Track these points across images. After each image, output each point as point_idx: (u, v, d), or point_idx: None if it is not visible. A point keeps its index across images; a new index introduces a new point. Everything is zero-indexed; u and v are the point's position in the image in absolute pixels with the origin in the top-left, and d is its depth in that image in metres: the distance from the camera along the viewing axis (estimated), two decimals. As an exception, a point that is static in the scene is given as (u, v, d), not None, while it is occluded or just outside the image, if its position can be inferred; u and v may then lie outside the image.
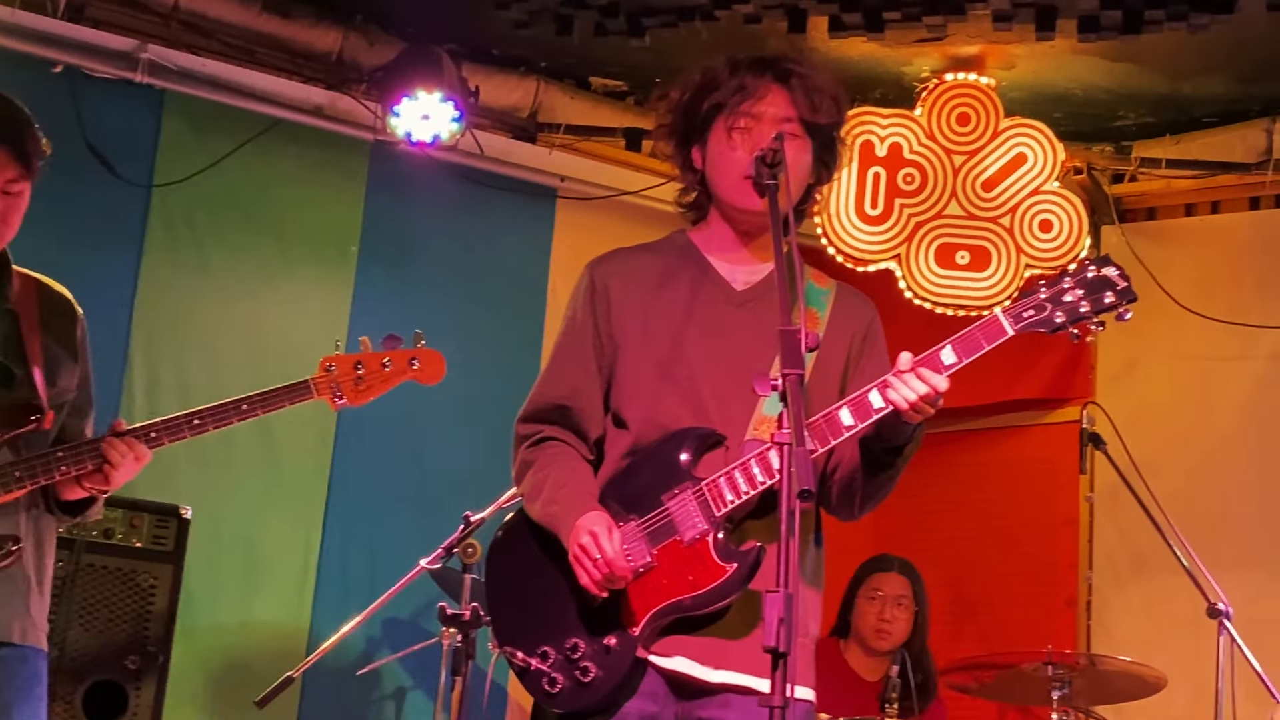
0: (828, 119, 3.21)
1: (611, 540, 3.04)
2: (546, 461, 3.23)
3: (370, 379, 4.14)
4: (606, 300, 3.24)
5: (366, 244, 6.32)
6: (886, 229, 6.27)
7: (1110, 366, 6.80)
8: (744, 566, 3.02)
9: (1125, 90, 6.31)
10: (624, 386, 3.21)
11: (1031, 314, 3.00)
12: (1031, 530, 6.86)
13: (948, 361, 2.98)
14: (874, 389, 3.00)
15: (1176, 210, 6.85)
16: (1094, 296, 3.00)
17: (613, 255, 3.33)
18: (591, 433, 3.26)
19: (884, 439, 3.08)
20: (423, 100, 5.90)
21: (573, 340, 3.27)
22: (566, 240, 6.69)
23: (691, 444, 3.11)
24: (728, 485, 3.05)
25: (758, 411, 3.11)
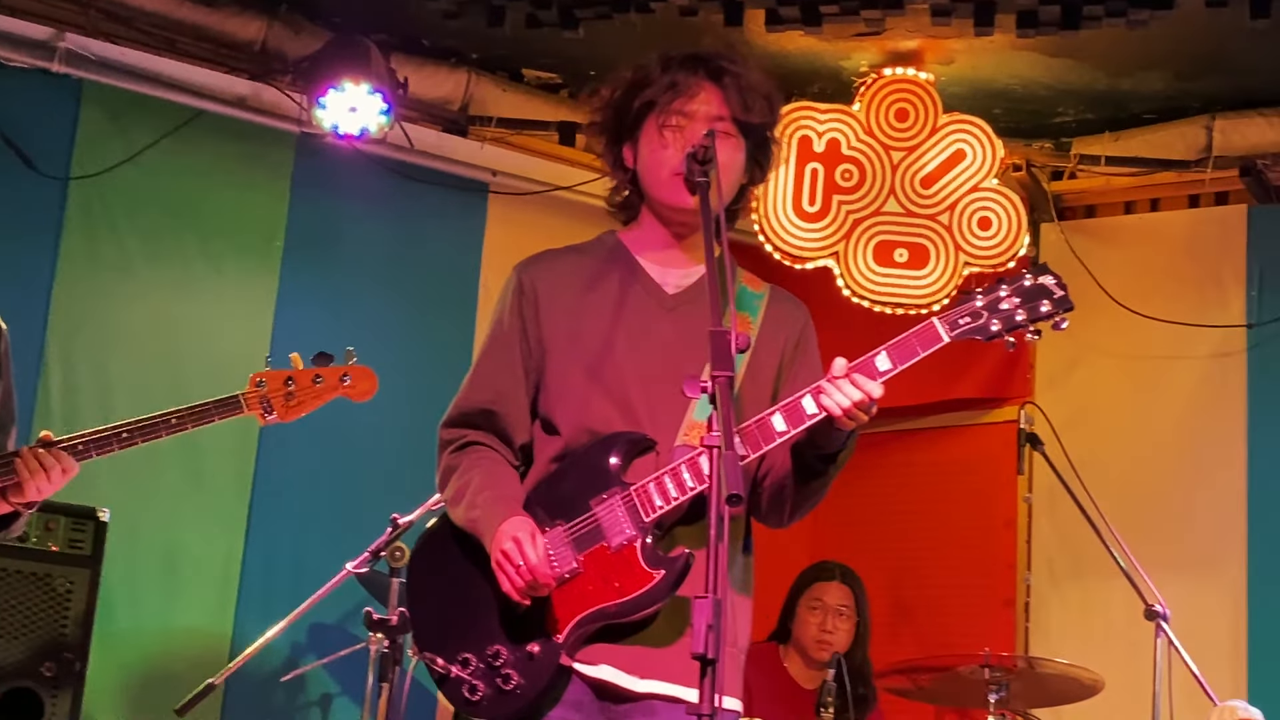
0: (760, 118, 3.23)
1: (535, 546, 3.06)
2: (470, 466, 3.23)
3: (301, 395, 4.25)
4: (534, 303, 3.25)
5: (291, 240, 6.28)
6: (824, 226, 6.30)
7: (1049, 366, 6.86)
8: (671, 573, 3.03)
9: (1064, 86, 6.37)
10: (552, 391, 3.23)
11: (967, 321, 3.04)
12: (969, 531, 6.92)
13: (882, 368, 3.01)
14: (807, 394, 3.03)
15: (1116, 208, 6.93)
16: (1030, 305, 3.05)
17: (541, 257, 3.34)
18: (517, 438, 3.28)
19: (817, 446, 3.10)
20: (350, 92, 5.88)
21: (499, 343, 3.28)
22: (498, 237, 6.68)
23: (621, 448, 3.12)
24: (657, 491, 3.07)
25: (688, 416, 3.13)
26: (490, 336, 3.31)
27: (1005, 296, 3.06)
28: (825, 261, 6.31)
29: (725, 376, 2.69)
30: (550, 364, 3.23)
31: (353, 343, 6.20)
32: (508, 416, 3.26)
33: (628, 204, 3.34)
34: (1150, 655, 5.08)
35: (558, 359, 3.22)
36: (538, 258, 3.34)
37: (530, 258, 3.34)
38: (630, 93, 3.25)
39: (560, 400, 3.21)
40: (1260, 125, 6.39)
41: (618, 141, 3.30)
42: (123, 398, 5.78)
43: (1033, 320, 3.05)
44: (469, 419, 3.29)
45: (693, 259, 3.27)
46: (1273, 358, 6.37)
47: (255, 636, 5.18)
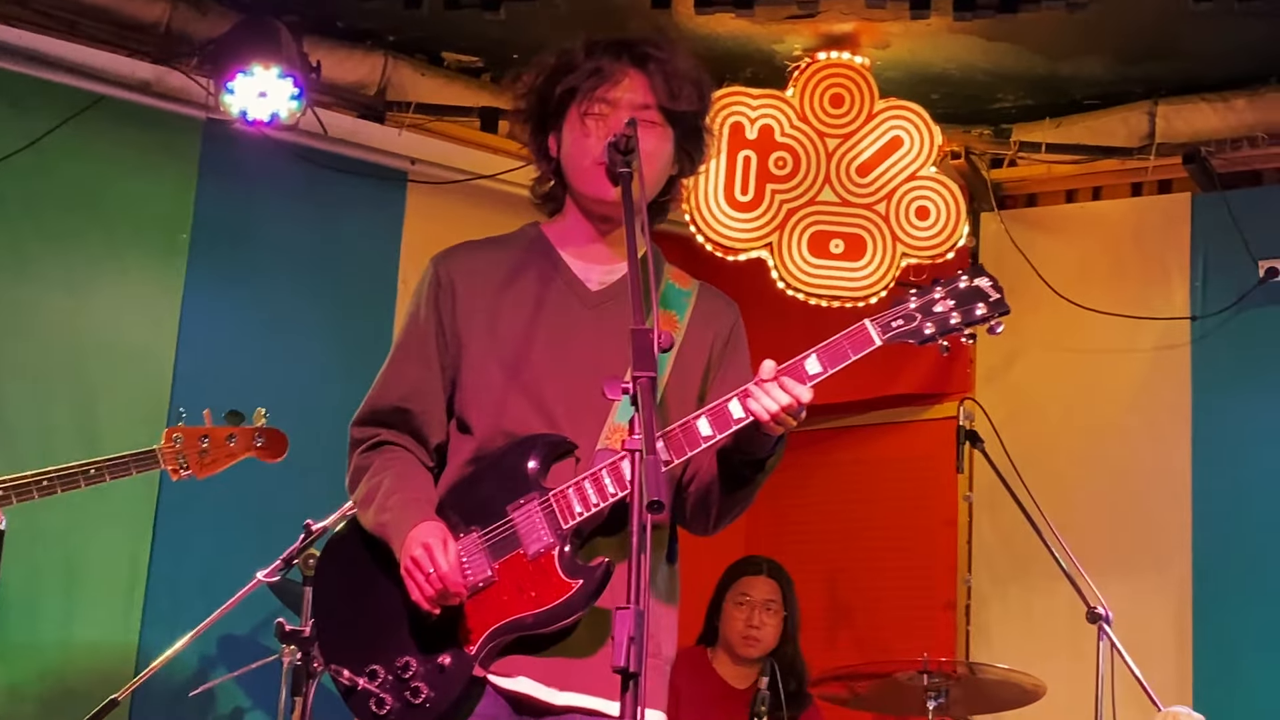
0: (688, 106, 3.22)
1: (446, 553, 3.03)
2: (381, 467, 3.21)
3: (215, 453, 4.71)
4: (451, 297, 3.23)
5: (199, 232, 6.21)
6: (757, 216, 6.29)
7: (989, 360, 6.90)
8: (590, 583, 3.02)
9: (1004, 71, 6.39)
10: (469, 390, 3.20)
11: (900, 324, 3.04)
12: (908, 532, 6.95)
13: (812, 371, 3.00)
14: (734, 398, 3.02)
15: (1057, 196, 6.97)
16: (965, 308, 3.06)
17: (459, 249, 3.32)
18: (432, 438, 3.25)
19: (743, 451, 3.09)
20: (259, 76, 5.81)
21: (414, 339, 3.25)
22: (418, 227, 6.64)
23: (540, 452, 3.10)
24: (576, 496, 3.05)
25: (610, 419, 3.12)
26: (404, 331, 3.29)
27: (940, 299, 3.06)
28: (759, 253, 6.30)
29: (647, 377, 2.67)
30: (466, 361, 3.20)
31: (265, 338, 6.28)
32: (422, 415, 3.24)
33: (552, 195, 3.33)
34: (1093, 658, 5.09)
35: (474, 356, 3.20)
36: (455, 250, 3.32)
37: (447, 250, 3.32)
38: (553, 79, 3.24)
39: (476, 400, 3.19)
40: (1204, 111, 6.43)
41: (541, 130, 3.29)
42: (18, 401, 5.70)
43: (967, 324, 3.06)
44: (381, 417, 3.26)
45: (618, 254, 3.26)
46: (1217, 351, 6.43)
47: (162, 649, 5.11)
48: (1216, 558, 6.28)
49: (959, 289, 3.07)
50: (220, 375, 6.06)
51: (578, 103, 3.18)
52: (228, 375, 6.07)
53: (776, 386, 2.97)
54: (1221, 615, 6.21)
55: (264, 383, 6.05)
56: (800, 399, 2.97)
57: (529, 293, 3.22)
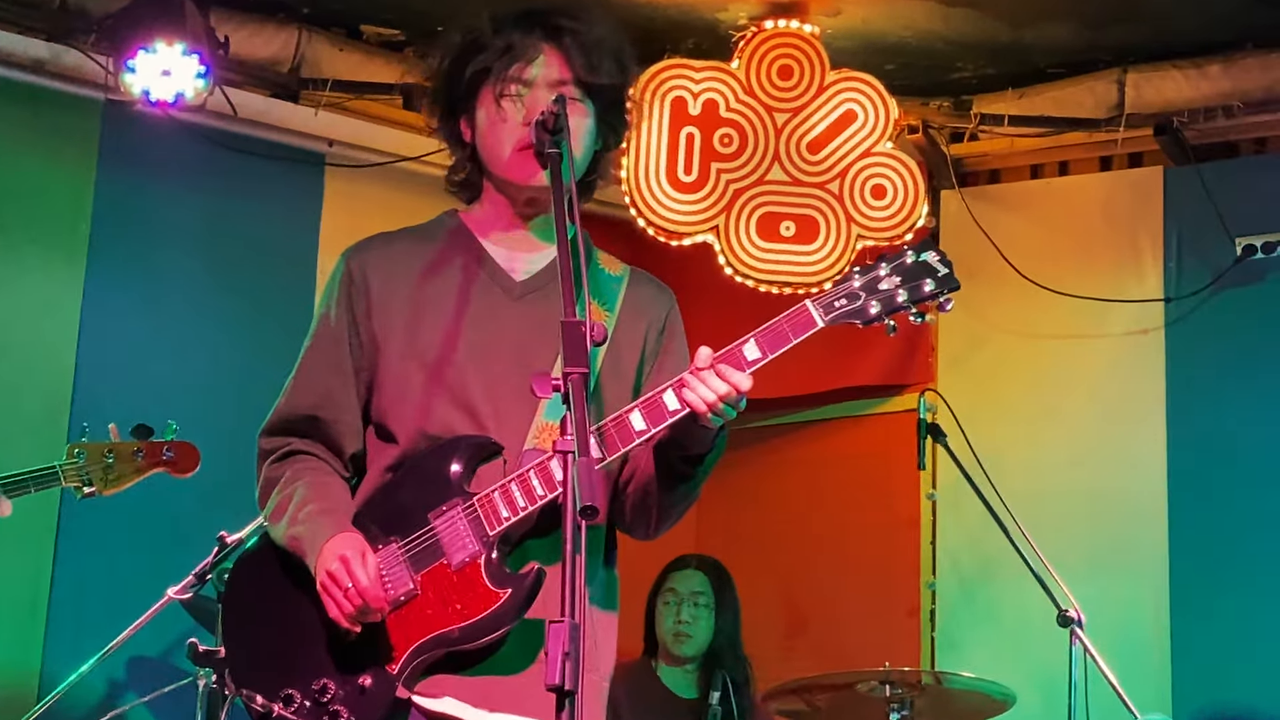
0: (609, 79, 3.21)
1: (365, 566, 3.02)
2: (293, 478, 3.19)
3: (121, 469, 4.72)
4: (365, 293, 3.21)
5: (100, 222, 6.17)
6: (702, 197, 6.30)
7: (951, 348, 6.93)
8: (520, 592, 3.01)
9: (963, 39, 6.41)
10: (387, 393, 3.19)
11: (844, 304, 3.04)
12: (868, 533, 6.98)
13: (751, 357, 3.00)
14: (669, 389, 3.02)
15: (1021, 172, 7.01)
16: (912, 285, 3.06)
17: (372, 241, 3.30)
18: (347, 446, 3.24)
19: (681, 446, 3.09)
20: (162, 53, 5.78)
21: (325, 340, 3.24)
22: (337, 213, 6.62)
23: (463, 455, 3.09)
24: (503, 500, 3.04)
25: (538, 417, 3.11)
26: (315, 332, 3.27)
27: (885, 276, 3.07)
28: (704, 236, 6.31)
29: (579, 373, 2.67)
30: (383, 363, 3.19)
31: (174, 337, 6.24)
32: (336, 423, 3.22)
33: (469, 183, 3.31)
34: (1065, 664, 5.12)
35: (392, 356, 3.18)
36: (368, 242, 3.30)
37: (360, 242, 3.30)
38: (461, 60, 3.22)
39: (396, 403, 3.17)
40: (1176, 79, 6.49)
41: (452, 115, 3.27)
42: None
43: (915, 301, 3.06)
44: (291, 426, 3.24)
45: (543, 240, 3.25)
46: (1192, 334, 6.48)
47: (67, 673, 5.08)
48: (1195, 555, 6.33)
49: (905, 265, 3.08)
50: (125, 379, 6.02)
51: (491, 85, 3.17)
52: (133, 378, 6.03)
53: (713, 375, 2.97)
54: (1201, 615, 6.26)
55: (173, 385, 6.02)
56: (739, 387, 2.97)
57: (449, 286, 3.20)
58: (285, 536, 3.15)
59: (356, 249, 3.29)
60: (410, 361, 3.17)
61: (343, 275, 3.25)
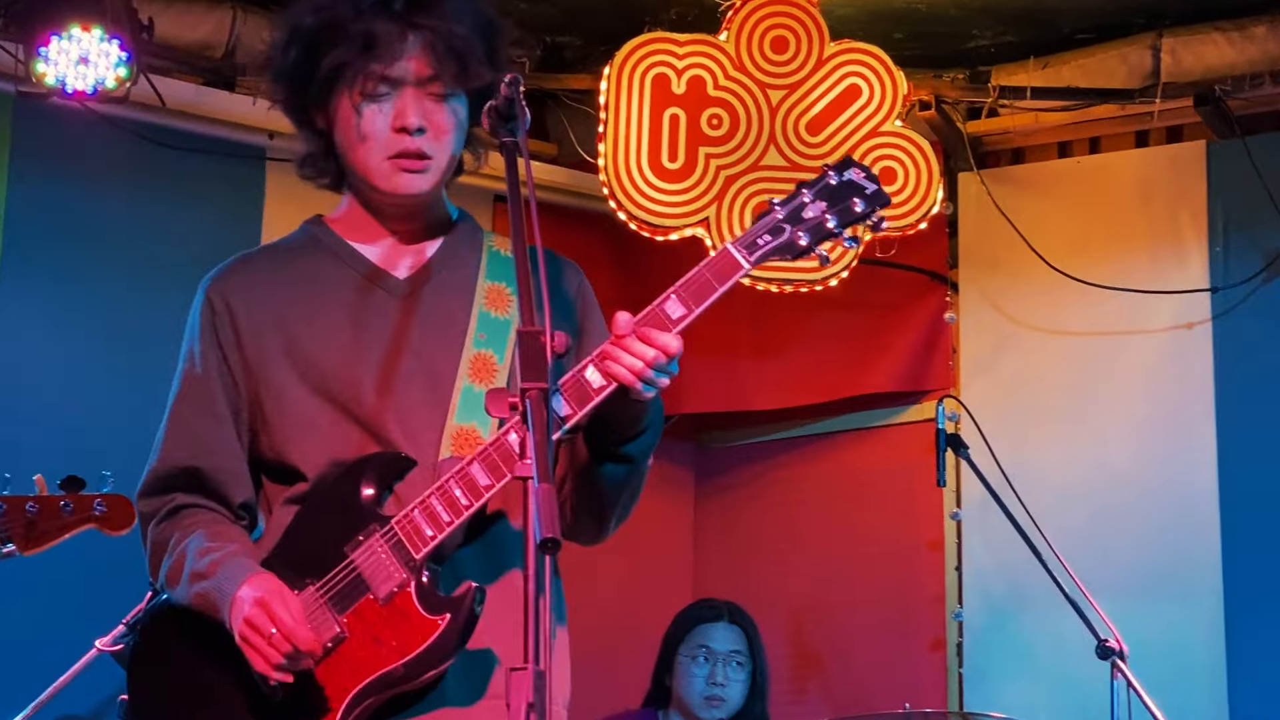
0: (480, 78, 3.16)
1: (286, 606, 2.99)
2: (185, 532, 3.17)
3: (45, 525, 4.68)
4: (230, 323, 3.20)
5: (11, 231, 6.13)
6: (690, 186, 6.28)
7: (974, 349, 6.90)
8: (459, 615, 2.98)
9: (979, 3, 6.38)
10: (278, 426, 3.18)
11: (768, 240, 3.02)
12: (886, 559, 6.95)
13: (675, 315, 2.98)
14: (590, 364, 2.99)
15: (1048, 150, 6.98)
16: (840, 207, 3.05)
17: (231, 267, 3.29)
18: (235, 495, 3.22)
19: (615, 428, 3.07)
20: (78, 38, 5.74)
21: (192, 384, 3.22)
22: (281, 213, 6.54)
23: (373, 475, 3.08)
24: (425, 518, 3.02)
25: (449, 423, 3.11)
26: (181, 376, 3.25)
27: (809, 203, 3.05)
28: (693, 230, 6.28)
29: (538, 389, 2.65)
30: (268, 394, 3.18)
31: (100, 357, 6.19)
32: (218, 471, 3.21)
33: (329, 172, 3.27)
34: (1106, 701, 5.10)
35: (276, 386, 3.17)
36: (228, 269, 3.28)
37: (218, 269, 3.28)
38: (313, 49, 3.16)
39: (293, 436, 3.16)
40: (1218, 43, 6.46)
41: (302, 106, 3.23)
42: None
43: (845, 223, 3.05)
44: (170, 483, 3.23)
45: (422, 233, 3.26)
46: (1243, 327, 6.45)
47: (-12, 736, 5.05)
48: (1252, 573, 6.29)
49: (829, 186, 3.07)
50: (44, 405, 5.99)
51: (348, 85, 3.13)
52: (53, 404, 6.00)
53: (636, 340, 2.95)
54: (1260, 643, 6.21)
55: (98, 411, 6.00)
56: (668, 349, 2.94)
57: (327, 297, 3.20)
58: (190, 595, 3.12)
59: (215, 277, 3.27)
60: (296, 387, 3.16)
61: (202, 307, 3.24)
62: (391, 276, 3.21)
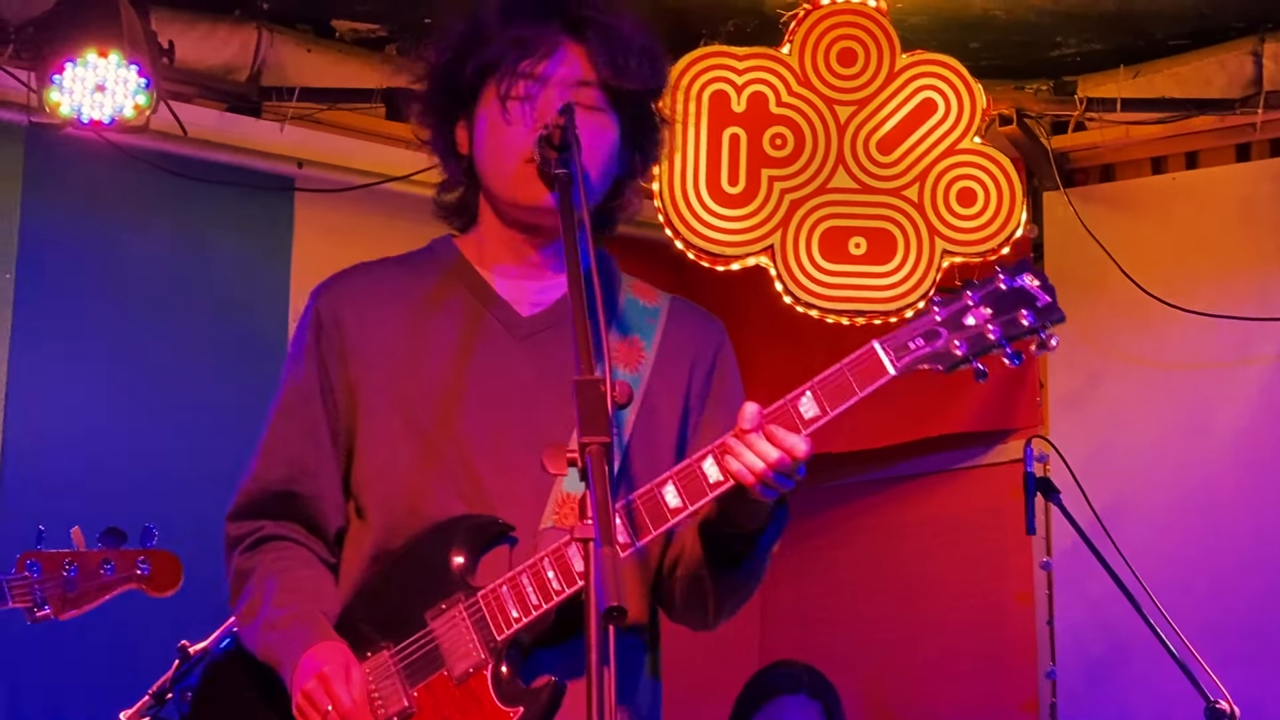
0: (639, 83, 3.20)
1: (348, 684, 3.00)
2: (267, 570, 3.19)
3: (85, 585, 4.58)
4: (339, 339, 3.22)
5: (27, 267, 6.19)
6: (752, 212, 6.27)
7: (1063, 384, 6.87)
8: (534, 711, 2.98)
9: (1063, 8, 6.37)
10: (369, 461, 3.19)
11: (921, 345, 3.00)
12: (971, 614, 6.93)
13: (808, 415, 2.97)
14: (709, 456, 2.98)
15: (1140, 166, 6.97)
16: (1006, 318, 3.01)
17: (346, 276, 3.31)
18: (330, 524, 3.24)
19: (732, 524, 3.05)
20: (94, 65, 5.78)
21: (294, 400, 3.25)
22: (311, 246, 6.64)
23: (464, 539, 3.08)
24: (512, 597, 3.02)
25: (557, 489, 3.09)
26: (282, 390, 3.28)
27: (972, 307, 3.02)
28: (756, 259, 6.28)
29: (598, 444, 2.62)
30: (364, 424, 3.19)
31: (122, 404, 6.23)
32: (314, 498, 3.22)
33: (463, 205, 3.31)
34: (1216, 770, 5.08)
35: (375, 416, 3.18)
36: (342, 278, 3.31)
37: (332, 278, 3.31)
38: (461, 55, 3.22)
39: (381, 473, 3.17)
40: (1325, 47, 6.45)
41: (448, 120, 3.27)
42: None
43: (1010, 338, 3.01)
44: (262, 506, 3.24)
45: (554, 269, 3.24)
46: (1361, 357, 6.42)
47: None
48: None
49: (997, 292, 3.03)
50: (63, 457, 6.02)
51: (496, 82, 3.16)
52: (73, 456, 6.03)
53: (761, 438, 2.93)
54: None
55: (121, 462, 6.03)
56: (794, 452, 2.93)
57: (442, 326, 3.20)
58: (259, 645, 3.14)
59: (327, 286, 3.30)
60: (396, 419, 3.17)
61: (311, 319, 3.26)
62: (515, 313, 3.22)
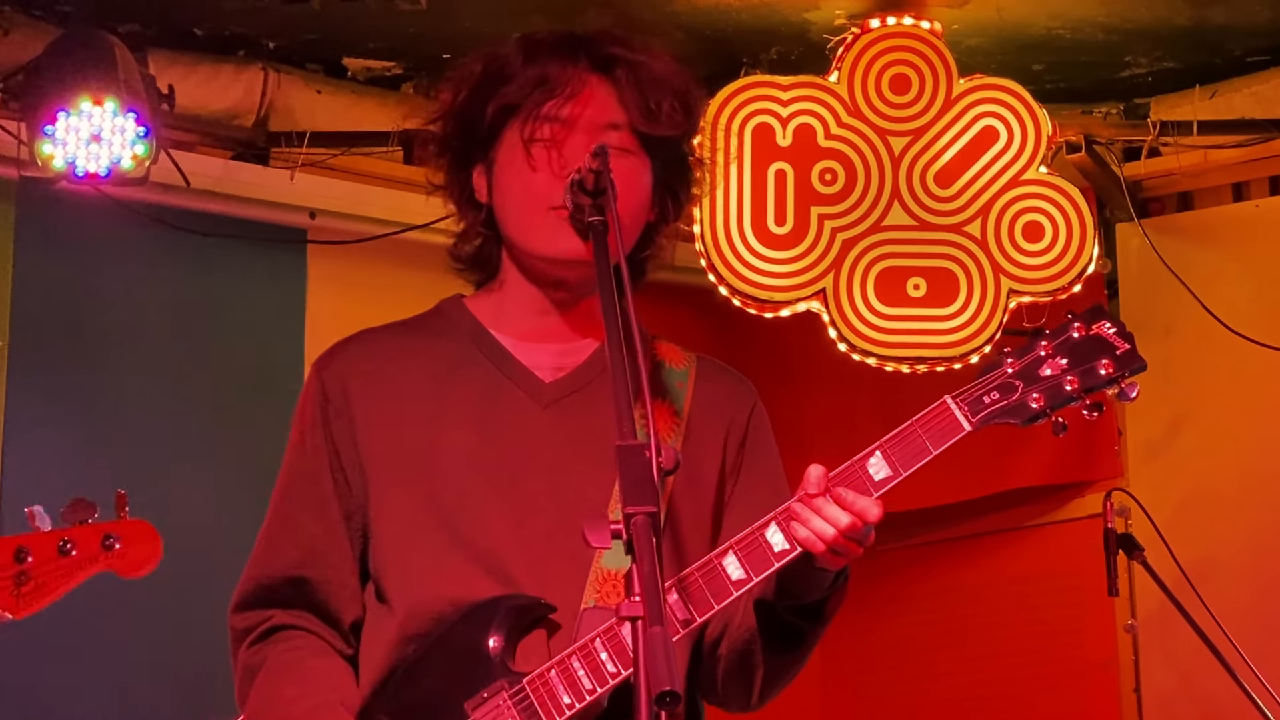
0: (673, 127, 3.21)
1: None
2: (278, 664, 3.17)
3: (41, 573, 4.23)
4: (346, 413, 3.22)
5: (20, 332, 6.20)
6: (802, 253, 6.26)
7: (1143, 431, 6.86)
8: None
9: (1131, 25, 6.37)
10: (387, 542, 3.18)
11: (995, 399, 3.03)
12: (1050, 682, 6.89)
13: (879, 477, 2.99)
14: (772, 523, 2.99)
15: (1220, 193, 6.96)
16: (1083, 368, 3.06)
17: (352, 344, 3.32)
18: (345, 613, 3.23)
19: (792, 594, 3.05)
20: (89, 114, 5.81)
21: (301, 479, 3.25)
22: (327, 302, 6.66)
23: (503, 622, 3.06)
24: (562, 682, 3.00)
25: (596, 565, 3.08)
26: (287, 471, 3.28)
27: (1046, 358, 3.07)
28: (807, 304, 6.26)
29: (644, 514, 2.60)
30: (379, 503, 3.18)
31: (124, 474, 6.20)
32: (326, 584, 3.21)
33: (482, 256, 3.31)
34: None
35: (390, 495, 3.18)
36: (347, 345, 3.31)
37: (336, 346, 3.32)
38: (480, 95, 3.23)
39: (399, 555, 3.16)
40: None
41: (465, 165, 3.28)
42: None
43: (1089, 389, 3.06)
44: (271, 594, 3.23)
45: (578, 330, 3.25)
46: None
47: None
48: None
49: (1072, 341, 3.08)
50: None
51: (520, 125, 3.17)
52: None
53: (830, 503, 2.95)
54: None
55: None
56: (865, 516, 2.94)
57: (459, 396, 3.20)
58: None
59: (331, 355, 3.30)
60: (414, 498, 3.16)
61: (316, 393, 3.26)
62: (537, 379, 3.21)
